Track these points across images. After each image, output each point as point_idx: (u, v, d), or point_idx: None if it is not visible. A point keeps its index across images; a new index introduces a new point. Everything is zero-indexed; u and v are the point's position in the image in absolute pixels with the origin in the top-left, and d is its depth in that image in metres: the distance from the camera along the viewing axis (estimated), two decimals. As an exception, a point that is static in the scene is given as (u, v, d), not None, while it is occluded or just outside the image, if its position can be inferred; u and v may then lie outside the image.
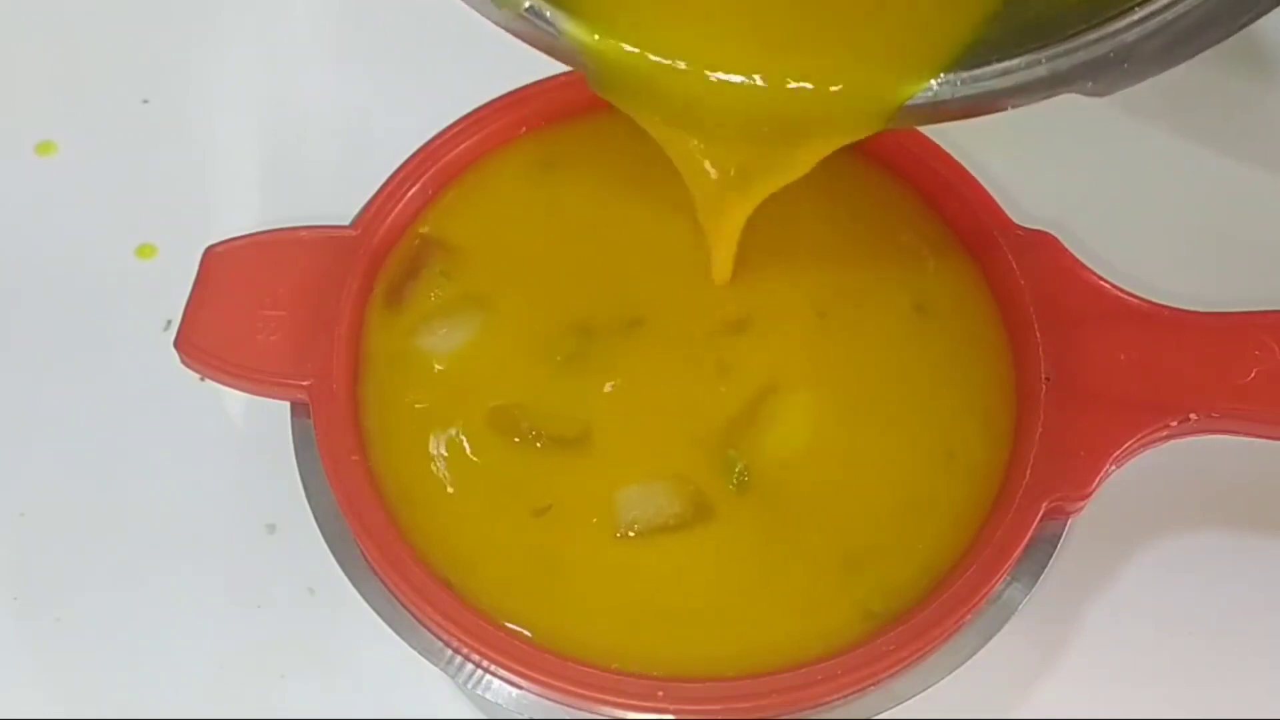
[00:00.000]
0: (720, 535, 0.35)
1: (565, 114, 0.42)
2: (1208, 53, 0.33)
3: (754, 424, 0.37)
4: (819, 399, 0.37)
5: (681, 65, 0.33)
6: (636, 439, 0.37)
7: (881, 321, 0.39)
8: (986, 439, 0.37)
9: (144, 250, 0.49)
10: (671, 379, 0.38)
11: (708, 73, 0.33)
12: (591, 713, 0.33)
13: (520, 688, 0.34)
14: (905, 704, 0.34)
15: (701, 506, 0.36)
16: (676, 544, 0.35)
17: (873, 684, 0.34)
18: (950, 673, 0.34)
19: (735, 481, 0.36)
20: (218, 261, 0.38)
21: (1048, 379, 0.37)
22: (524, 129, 0.42)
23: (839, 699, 0.33)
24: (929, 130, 0.41)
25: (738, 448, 0.36)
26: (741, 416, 0.37)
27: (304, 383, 0.37)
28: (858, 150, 0.41)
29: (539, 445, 0.37)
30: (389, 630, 0.34)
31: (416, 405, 0.37)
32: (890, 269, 0.40)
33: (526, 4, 0.33)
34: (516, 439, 0.37)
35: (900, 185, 0.41)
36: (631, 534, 0.35)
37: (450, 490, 0.36)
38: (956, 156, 0.41)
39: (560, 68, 0.42)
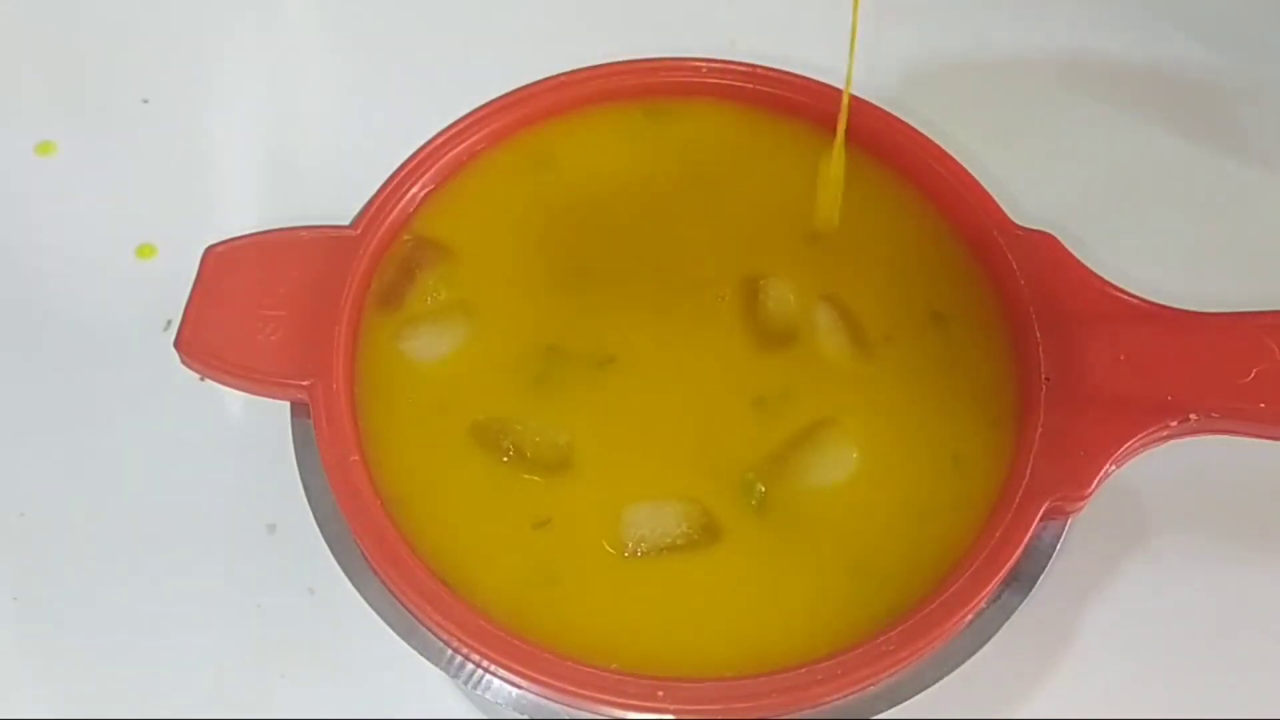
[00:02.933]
0: (728, 554, 0.35)
1: (563, 113, 0.42)
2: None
3: (797, 456, 0.37)
4: (861, 429, 0.37)
5: None
6: (634, 460, 0.37)
7: (905, 335, 0.39)
8: (988, 440, 0.37)
9: (144, 250, 0.49)
10: (673, 399, 0.38)
11: None
12: (591, 713, 0.33)
13: (520, 688, 0.34)
14: (905, 704, 0.34)
15: (710, 528, 0.35)
16: (684, 562, 0.35)
17: (873, 684, 0.34)
18: (950, 673, 0.34)
19: (755, 502, 0.36)
20: (218, 261, 0.38)
21: (1048, 379, 0.37)
22: (522, 129, 0.42)
23: (839, 699, 0.33)
24: (930, 130, 0.41)
25: (772, 475, 0.36)
26: (781, 447, 0.37)
27: (304, 383, 0.37)
28: (863, 153, 0.42)
29: (526, 461, 0.37)
30: (389, 630, 0.34)
31: (408, 410, 0.37)
32: (908, 278, 0.40)
33: None
34: (504, 458, 0.37)
35: (903, 186, 0.41)
36: (639, 553, 0.35)
37: (446, 496, 0.36)
38: (957, 156, 0.41)
39: (555, 68, 0.43)
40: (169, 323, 0.46)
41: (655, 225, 0.41)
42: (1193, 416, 0.36)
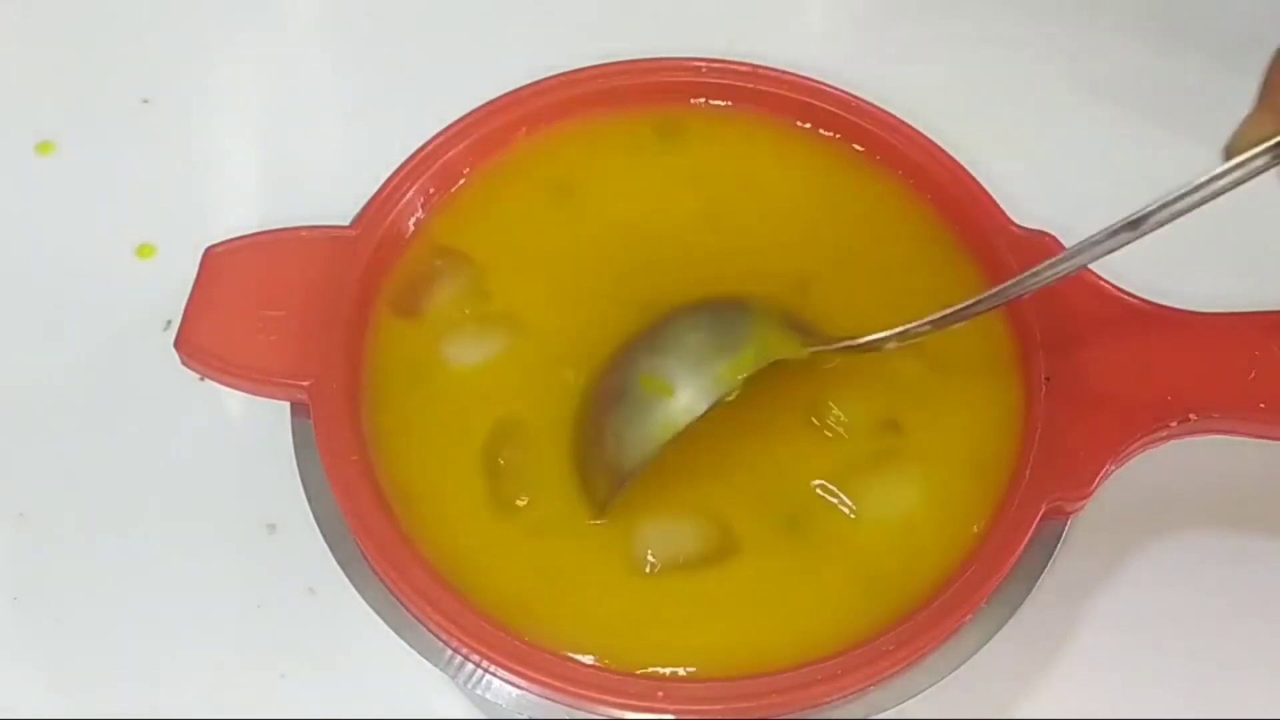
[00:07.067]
0: (741, 567, 0.35)
1: (563, 113, 0.42)
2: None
3: (857, 485, 0.36)
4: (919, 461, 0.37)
5: None
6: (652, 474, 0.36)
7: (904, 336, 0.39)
8: (988, 440, 0.37)
9: (144, 250, 0.49)
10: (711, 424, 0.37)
11: None
12: (591, 713, 0.33)
13: (520, 688, 0.34)
14: (905, 704, 0.34)
15: (725, 545, 0.35)
16: (694, 577, 0.35)
17: (873, 684, 0.34)
18: (950, 672, 0.34)
19: (785, 521, 0.36)
20: (218, 261, 0.38)
21: (1048, 379, 0.37)
22: (523, 129, 0.42)
23: (839, 699, 0.33)
24: (930, 130, 0.41)
25: (815, 501, 0.36)
26: (839, 467, 0.36)
27: (304, 383, 0.37)
28: (862, 153, 0.42)
29: (541, 467, 0.36)
30: (389, 630, 0.34)
31: (424, 413, 0.37)
32: (907, 278, 0.40)
33: None
34: (520, 460, 0.36)
35: (903, 187, 0.41)
36: (653, 569, 0.35)
37: (451, 499, 0.36)
38: (957, 156, 0.41)
39: (553, 67, 0.43)
40: (169, 323, 0.46)
41: (673, 241, 0.40)
42: (1193, 416, 0.36)
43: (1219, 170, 0.31)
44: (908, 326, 0.36)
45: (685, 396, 0.35)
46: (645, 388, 0.35)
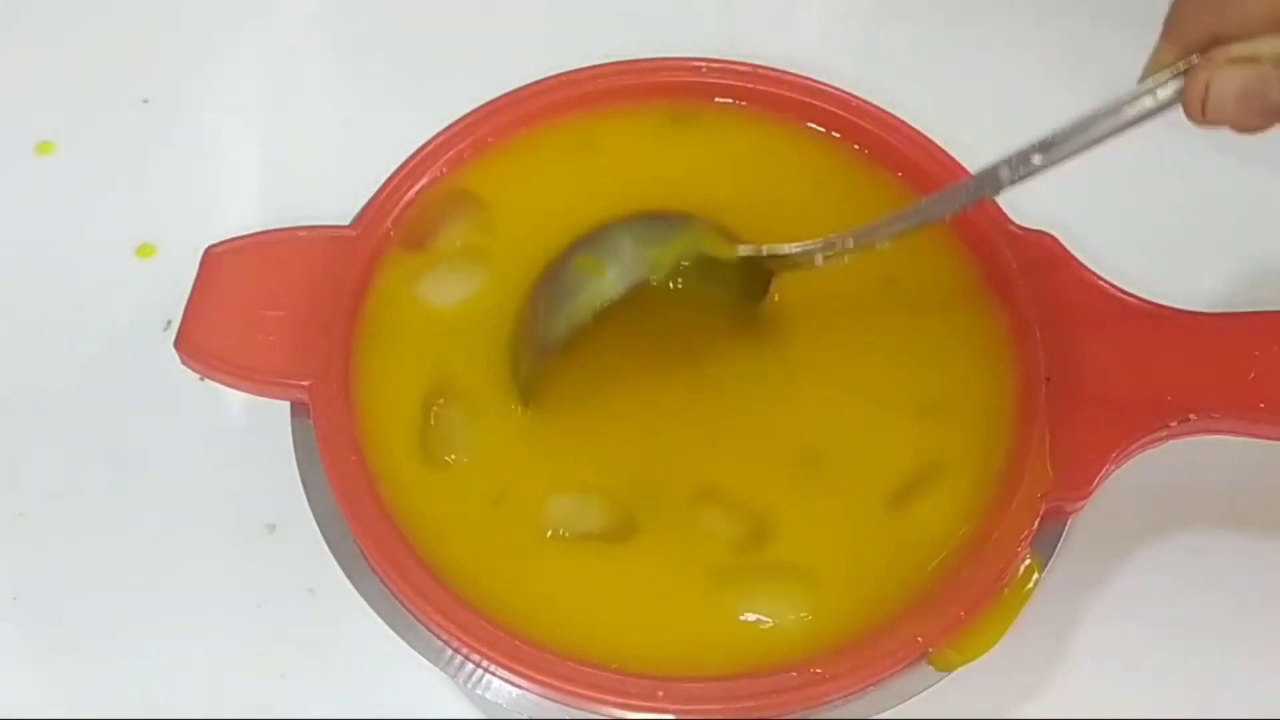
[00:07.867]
0: (641, 553, 0.35)
1: (564, 112, 0.42)
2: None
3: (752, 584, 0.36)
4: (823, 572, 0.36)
5: None
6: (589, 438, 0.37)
7: (903, 334, 0.39)
8: (988, 439, 0.37)
9: (144, 250, 0.49)
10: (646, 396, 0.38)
11: None
12: (591, 713, 0.33)
13: (520, 688, 0.34)
14: (905, 704, 0.34)
15: (627, 526, 0.36)
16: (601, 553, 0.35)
17: (873, 684, 0.34)
18: (950, 673, 0.34)
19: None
20: (218, 261, 0.38)
21: (1048, 379, 0.37)
22: (520, 130, 0.42)
23: (839, 699, 0.33)
24: (930, 130, 0.41)
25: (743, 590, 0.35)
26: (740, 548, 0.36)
27: (304, 383, 0.37)
28: (862, 153, 0.42)
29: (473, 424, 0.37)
30: (389, 630, 0.34)
31: (408, 361, 0.38)
32: (906, 278, 0.40)
33: None
34: (450, 416, 0.37)
35: (902, 186, 0.41)
36: (562, 535, 0.35)
37: (430, 476, 0.36)
38: (957, 156, 0.41)
39: (555, 68, 0.43)
40: (169, 323, 0.46)
41: (680, 193, 0.41)
42: (1193, 416, 0.36)
43: (1128, 94, 0.33)
44: (832, 238, 0.37)
45: (614, 273, 0.36)
46: (578, 269, 0.37)
